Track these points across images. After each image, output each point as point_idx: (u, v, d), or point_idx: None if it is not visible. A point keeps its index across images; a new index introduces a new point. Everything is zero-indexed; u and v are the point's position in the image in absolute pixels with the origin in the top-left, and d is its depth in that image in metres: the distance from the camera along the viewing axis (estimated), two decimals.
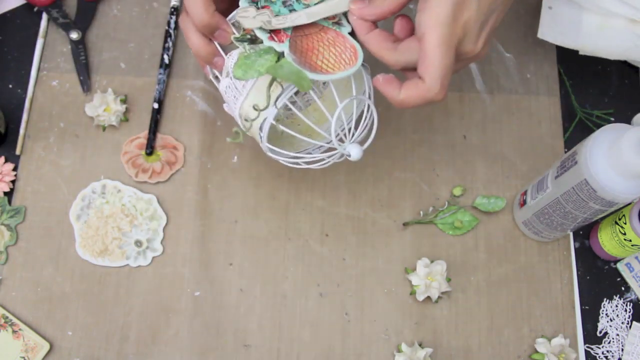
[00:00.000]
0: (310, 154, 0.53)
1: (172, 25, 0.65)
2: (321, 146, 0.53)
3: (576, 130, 0.65)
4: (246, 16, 0.46)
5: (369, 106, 0.48)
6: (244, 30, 0.47)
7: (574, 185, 0.50)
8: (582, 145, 0.49)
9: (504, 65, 0.67)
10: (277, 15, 0.45)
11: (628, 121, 0.65)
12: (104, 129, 0.62)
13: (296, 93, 0.57)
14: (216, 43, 0.49)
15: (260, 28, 0.46)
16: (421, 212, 0.61)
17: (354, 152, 0.46)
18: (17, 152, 0.61)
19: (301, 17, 0.46)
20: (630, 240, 0.55)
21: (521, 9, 0.69)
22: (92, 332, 0.57)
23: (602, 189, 0.48)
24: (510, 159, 0.63)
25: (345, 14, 0.47)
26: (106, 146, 0.62)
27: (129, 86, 0.64)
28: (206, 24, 0.47)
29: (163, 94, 0.63)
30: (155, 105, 0.62)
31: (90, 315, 0.57)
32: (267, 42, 0.45)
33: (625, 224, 0.55)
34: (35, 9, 0.66)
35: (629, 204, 0.55)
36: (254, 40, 0.46)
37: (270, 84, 0.46)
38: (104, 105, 0.61)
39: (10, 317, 0.56)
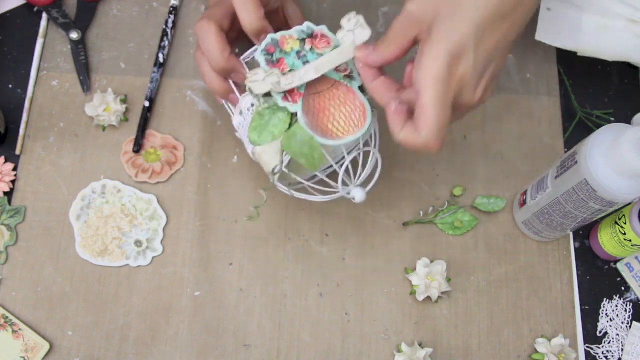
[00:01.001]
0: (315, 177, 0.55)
1: (170, 25, 0.65)
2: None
3: (576, 130, 0.65)
4: (256, 80, 0.46)
5: (373, 153, 0.50)
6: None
7: (574, 185, 0.50)
8: (582, 145, 0.49)
9: (504, 66, 0.67)
10: (285, 74, 0.46)
11: (628, 121, 0.65)
12: (104, 129, 0.62)
13: None
14: (231, 82, 0.50)
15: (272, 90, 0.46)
16: (421, 212, 0.61)
17: (358, 195, 0.48)
18: (17, 152, 0.61)
19: (309, 72, 0.46)
20: (630, 240, 0.55)
21: None
22: (92, 332, 0.57)
23: (602, 189, 0.48)
24: (510, 159, 0.63)
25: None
26: (106, 146, 0.62)
27: (129, 86, 0.64)
28: (222, 67, 0.49)
29: (155, 93, 0.63)
30: (147, 104, 0.62)
31: (90, 315, 0.57)
32: (281, 103, 0.46)
33: (625, 224, 0.55)
34: (35, 9, 0.66)
35: (629, 204, 0.55)
36: (268, 93, 0.47)
37: (283, 150, 0.48)
38: (104, 105, 0.61)
39: (10, 317, 0.56)
